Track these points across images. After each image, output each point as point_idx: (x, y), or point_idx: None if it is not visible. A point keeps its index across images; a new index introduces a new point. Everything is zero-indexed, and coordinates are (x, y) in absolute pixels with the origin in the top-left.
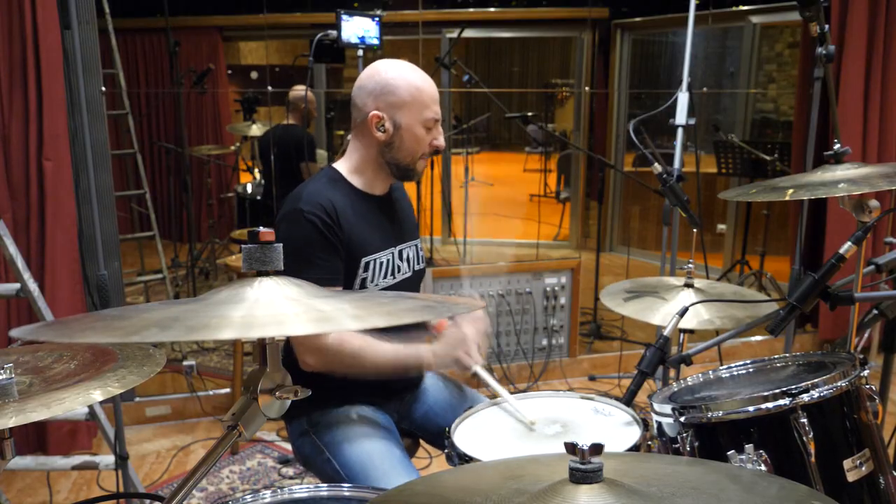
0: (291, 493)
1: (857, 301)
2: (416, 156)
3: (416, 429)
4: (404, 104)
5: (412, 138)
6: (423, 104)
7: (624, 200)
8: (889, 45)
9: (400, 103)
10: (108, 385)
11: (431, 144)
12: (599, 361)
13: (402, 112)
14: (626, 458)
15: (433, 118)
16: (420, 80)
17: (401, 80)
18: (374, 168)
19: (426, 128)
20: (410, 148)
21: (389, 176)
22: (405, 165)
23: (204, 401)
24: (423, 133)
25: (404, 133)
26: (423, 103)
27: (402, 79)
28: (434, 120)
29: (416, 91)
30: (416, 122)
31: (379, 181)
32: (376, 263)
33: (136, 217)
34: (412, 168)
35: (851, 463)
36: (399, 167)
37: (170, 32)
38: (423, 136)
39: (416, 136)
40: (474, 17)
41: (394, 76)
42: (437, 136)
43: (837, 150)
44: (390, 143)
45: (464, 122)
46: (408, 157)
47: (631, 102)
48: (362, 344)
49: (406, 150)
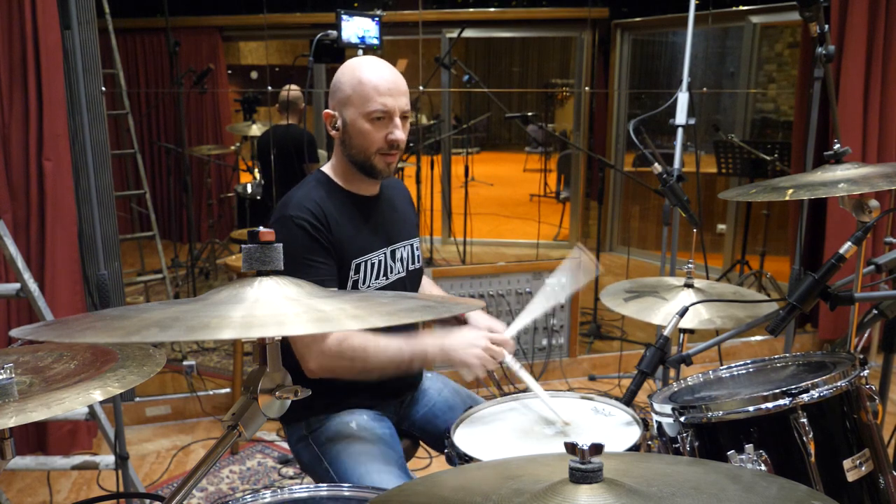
0: (291, 493)
1: (857, 301)
2: (368, 152)
3: (415, 430)
4: (347, 99)
5: (357, 133)
6: (364, 97)
7: (624, 200)
8: (889, 45)
9: (344, 99)
10: (108, 385)
11: (387, 139)
12: (599, 361)
13: (346, 108)
14: (626, 458)
15: (379, 110)
16: (366, 73)
17: (347, 75)
18: (348, 169)
19: (372, 120)
20: (360, 143)
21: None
22: (361, 162)
23: (204, 401)
24: (369, 127)
25: (350, 128)
26: (365, 96)
27: (348, 74)
28: (382, 112)
29: (358, 84)
30: (359, 116)
31: (364, 181)
32: (367, 265)
33: (136, 217)
34: (370, 164)
35: (851, 463)
36: (357, 164)
37: (170, 32)
38: (369, 131)
39: (360, 130)
40: (474, 17)
41: (343, 72)
42: (393, 130)
43: (837, 150)
44: (343, 140)
45: (464, 122)
46: (360, 153)
47: (631, 102)
48: (364, 343)
49: (357, 147)
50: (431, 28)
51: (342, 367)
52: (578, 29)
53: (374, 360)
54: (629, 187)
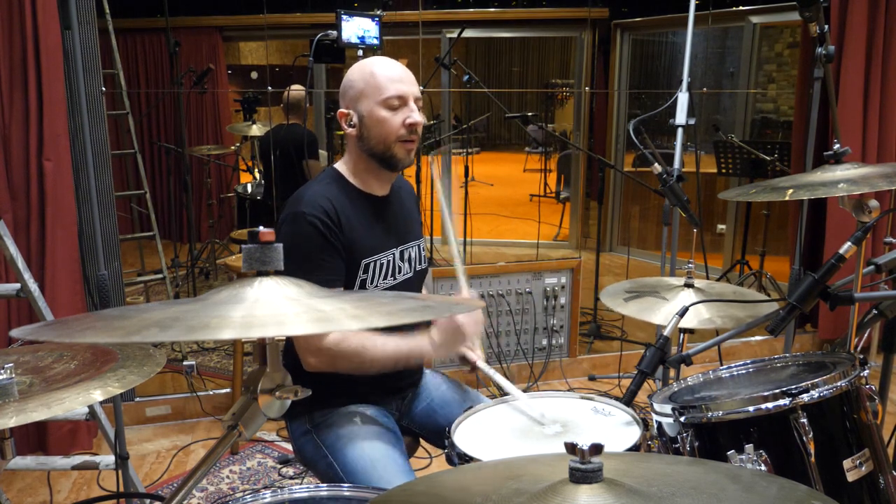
0: (291, 493)
1: (857, 301)
2: (388, 140)
3: (416, 427)
4: (361, 93)
5: (376, 122)
6: (378, 86)
7: (624, 200)
8: (889, 45)
9: (358, 94)
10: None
11: (405, 124)
12: (599, 361)
13: (361, 102)
14: (626, 458)
15: (395, 96)
16: (376, 66)
17: (357, 73)
18: (365, 167)
19: (389, 108)
20: (378, 133)
21: (381, 171)
22: (381, 153)
23: (204, 401)
24: (388, 114)
25: (367, 120)
26: (379, 85)
27: (357, 72)
28: (397, 98)
29: (370, 76)
30: (376, 105)
31: (376, 180)
32: (376, 265)
33: (136, 217)
34: (390, 154)
35: (851, 463)
36: (377, 156)
37: (170, 32)
38: (388, 118)
39: (379, 119)
40: (474, 17)
41: (353, 71)
42: (410, 114)
43: (837, 150)
44: (360, 135)
45: (464, 122)
46: (380, 143)
47: (631, 102)
48: (363, 339)
49: (376, 137)
50: (431, 28)
51: (341, 363)
52: (578, 29)
53: (372, 358)
54: (629, 187)
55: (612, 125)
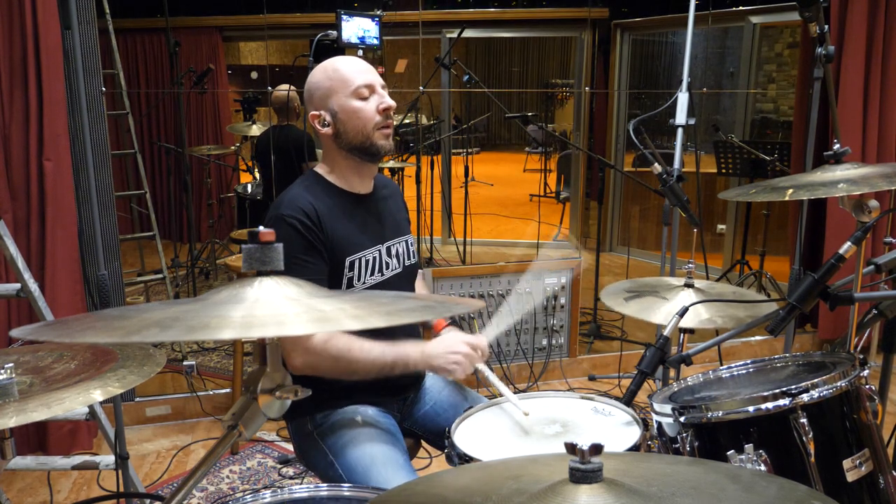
0: (291, 493)
1: (857, 301)
2: (367, 129)
3: (417, 428)
4: (329, 90)
5: (351, 114)
6: (344, 80)
7: (624, 200)
8: (889, 45)
9: (326, 92)
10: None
11: (379, 110)
12: (599, 361)
13: (331, 98)
14: (626, 458)
15: (363, 85)
16: (338, 63)
17: (318, 74)
18: (344, 164)
19: (360, 97)
20: (356, 124)
21: (362, 166)
22: (361, 144)
23: (204, 401)
24: (360, 104)
25: (341, 115)
26: (345, 78)
27: (319, 73)
28: (366, 86)
29: (333, 72)
30: (346, 98)
31: (357, 177)
32: (362, 262)
33: (136, 217)
34: (370, 142)
35: (851, 463)
36: (357, 149)
37: (170, 32)
38: (362, 107)
39: (353, 110)
40: (474, 17)
41: (313, 75)
42: (382, 99)
43: (837, 150)
44: (337, 132)
45: (464, 122)
46: (359, 134)
47: (631, 102)
48: (348, 344)
49: (353, 129)
50: (431, 28)
51: (326, 365)
52: (578, 29)
53: (357, 361)
54: (629, 187)
55: (612, 125)
